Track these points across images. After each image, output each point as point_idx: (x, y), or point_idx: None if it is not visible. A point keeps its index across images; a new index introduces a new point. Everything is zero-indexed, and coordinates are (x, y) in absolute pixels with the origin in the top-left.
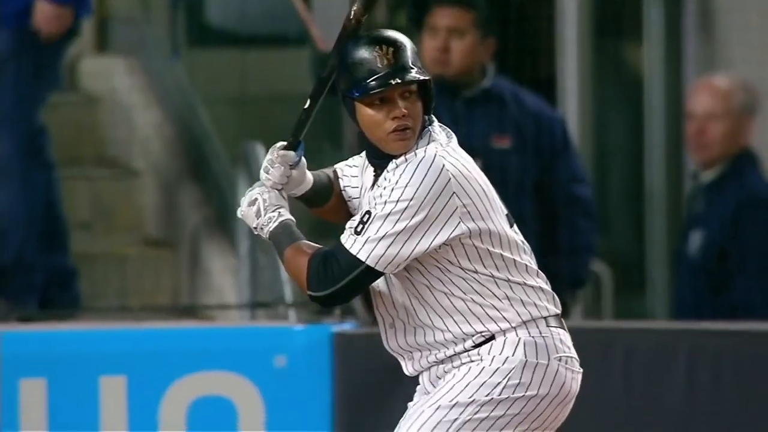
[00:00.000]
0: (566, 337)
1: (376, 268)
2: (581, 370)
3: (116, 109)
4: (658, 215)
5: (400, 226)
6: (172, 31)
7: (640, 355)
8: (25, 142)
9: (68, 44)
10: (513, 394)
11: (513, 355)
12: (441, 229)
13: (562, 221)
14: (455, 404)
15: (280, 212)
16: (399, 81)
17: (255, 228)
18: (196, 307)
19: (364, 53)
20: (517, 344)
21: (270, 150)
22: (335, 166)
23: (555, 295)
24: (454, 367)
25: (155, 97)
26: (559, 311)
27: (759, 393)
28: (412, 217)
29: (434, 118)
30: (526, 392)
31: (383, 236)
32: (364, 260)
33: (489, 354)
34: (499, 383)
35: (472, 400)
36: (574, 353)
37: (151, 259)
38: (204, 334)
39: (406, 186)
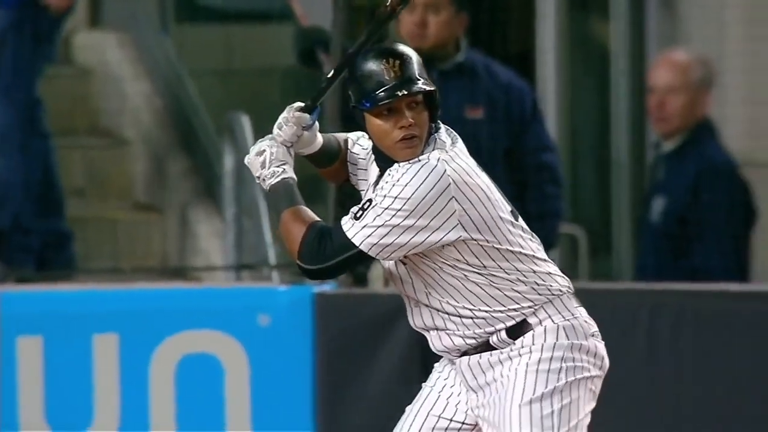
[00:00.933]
0: (585, 313)
1: (369, 253)
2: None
3: (108, 82)
4: (623, 183)
5: (395, 221)
6: (162, 8)
7: (605, 314)
8: (24, 113)
9: (66, 19)
10: (575, 376)
11: (558, 340)
12: (436, 230)
13: (531, 188)
14: (540, 396)
15: (284, 169)
16: (405, 92)
17: (258, 177)
18: (184, 269)
19: (372, 66)
20: (558, 330)
21: (287, 108)
22: (349, 135)
23: (564, 274)
24: (502, 360)
25: (145, 70)
26: (572, 289)
27: (716, 348)
28: (408, 215)
29: (441, 125)
30: (583, 373)
31: (379, 226)
32: (357, 245)
33: (535, 344)
34: (561, 369)
35: (552, 389)
36: (596, 326)
37: (141, 224)
38: (192, 295)
39: (406, 185)
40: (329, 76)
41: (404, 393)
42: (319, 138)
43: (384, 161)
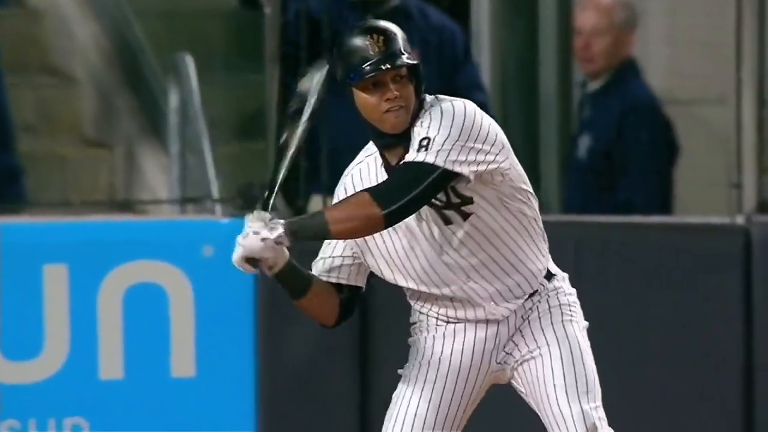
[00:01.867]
0: None
1: (454, 169)
2: None
3: (58, 22)
4: (550, 121)
5: (463, 138)
6: None
7: None
8: None
9: None
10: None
11: (571, 287)
12: (492, 149)
13: None
14: (577, 322)
15: (275, 220)
16: (389, 66)
17: (279, 240)
18: (131, 202)
19: (357, 42)
20: (564, 279)
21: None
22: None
23: None
24: (537, 301)
25: (93, 12)
26: None
27: (638, 277)
28: (468, 135)
29: (427, 97)
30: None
31: (452, 146)
32: (441, 165)
33: (556, 287)
34: (578, 305)
35: (580, 319)
36: None
37: (90, 159)
38: (138, 227)
39: (446, 114)
40: (272, 178)
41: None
42: (286, 252)
43: (379, 137)
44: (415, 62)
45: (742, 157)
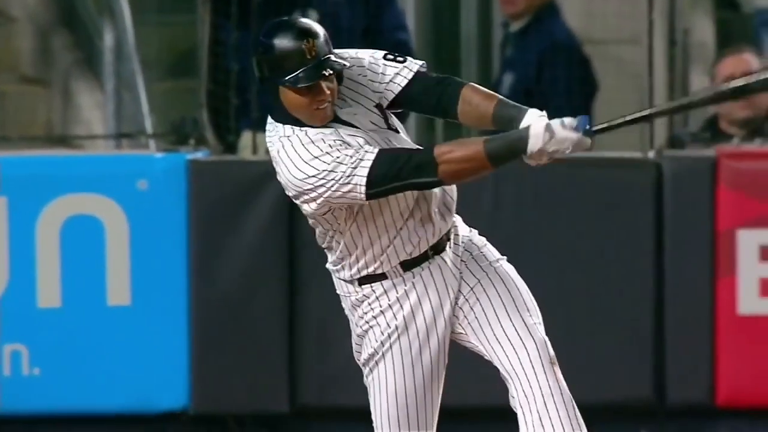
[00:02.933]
0: None
1: None
2: None
3: None
4: (471, 58)
5: None
6: None
7: None
8: None
9: None
10: None
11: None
12: None
13: None
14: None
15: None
16: (329, 72)
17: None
18: (68, 138)
19: (289, 45)
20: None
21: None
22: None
23: None
24: (464, 245)
25: None
26: None
27: (554, 209)
28: None
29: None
30: None
31: None
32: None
33: (470, 229)
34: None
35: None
36: None
37: (27, 95)
38: (75, 161)
39: None
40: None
41: (271, 249)
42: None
43: (297, 124)
44: (345, 65)
45: (653, 95)
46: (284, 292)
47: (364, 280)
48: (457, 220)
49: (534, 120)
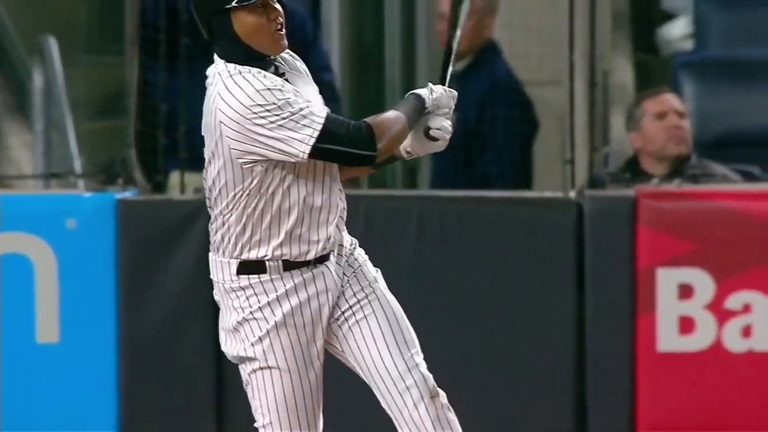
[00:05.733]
0: None
1: None
2: None
3: None
4: (397, 98)
5: None
6: None
7: (378, 217)
8: None
9: None
10: None
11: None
12: None
13: None
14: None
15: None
16: None
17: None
18: None
19: None
20: None
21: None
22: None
23: None
24: (353, 248)
25: None
26: None
27: (477, 248)
28: None
29: None
30: None
31: None
32: None
33: (354, 241)
34: None
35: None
36: None
37: None
38: (4, 201)
39: None
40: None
41: (199, 287)
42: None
43: (257, 59)
44: None
45: (574, 135)
46: (211, 330)
47: (243, 268)
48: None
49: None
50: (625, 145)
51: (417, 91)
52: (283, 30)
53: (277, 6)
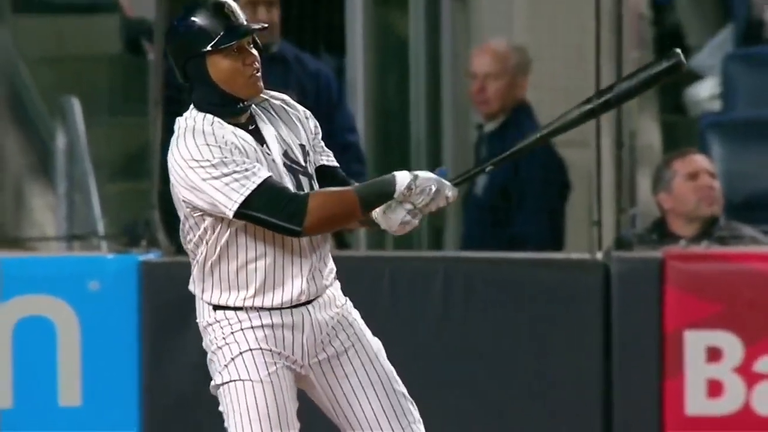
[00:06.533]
0: None
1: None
2: None
3: None
4: (421, 159)
5: None
6: None
7: (403, 278)
8: None
9: None
10: None
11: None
12: None
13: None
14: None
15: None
16: (258, 27)
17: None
18: (20, 239)
19: (213, 14)
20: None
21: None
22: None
23: None
24: (343, 300)
25: None
26: None
27: (503, 310)
28: None
29: None
30: None
31: None
32: None
33: (346, 298)
34: None
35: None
36: None
37: None
38: (27, 263)
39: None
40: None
41: None
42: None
43: (230, 104)
44: (267, 26)
45: (601, 196)
46: None
47: (217, 308)
48: (336, 286)
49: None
50: (652, 206)
51: (399, 175)
52: (259, 73)
53: (253, 51)
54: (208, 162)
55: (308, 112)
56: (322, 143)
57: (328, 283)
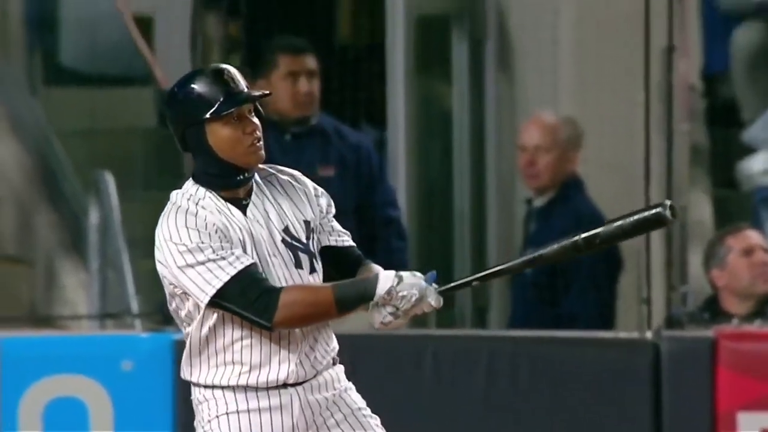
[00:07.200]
0: None
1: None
2: None
3: None
4: (466, 237)
5: None
6: (30, 72)
7: (446, 357)
8: None
9: None
10: None
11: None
12: None
13: (379, 241)
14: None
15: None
16: (259, 94)
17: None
18: (51, 318)
19: (212, 81)
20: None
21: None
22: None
23: None
24: (343, 383)
25: (14, 130)
26: None
27: (551, 391)
28: None
29: None
30: None
31: None
32: None
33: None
34: None
35: None
36: None
37: (10, 275)
38: (59, 342)
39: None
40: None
41: None
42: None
43: (229, 175)
44: (268, 93)
45: (651, 274)
46: None
47: (208, 386)
48: (339, 369)
49: (383, 271)
50: (704, 283)
51: (383, 277)
52: (261, 143)
53: (254, 119)
54: (185, 246)
55: (321, 190)
56: (334, 223)
57: (323, 365)
